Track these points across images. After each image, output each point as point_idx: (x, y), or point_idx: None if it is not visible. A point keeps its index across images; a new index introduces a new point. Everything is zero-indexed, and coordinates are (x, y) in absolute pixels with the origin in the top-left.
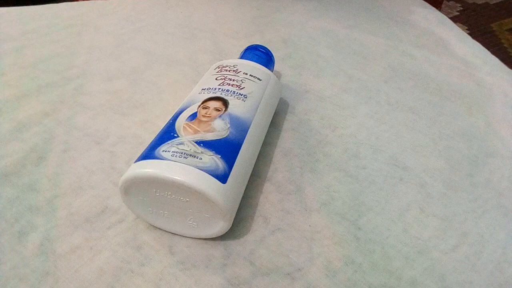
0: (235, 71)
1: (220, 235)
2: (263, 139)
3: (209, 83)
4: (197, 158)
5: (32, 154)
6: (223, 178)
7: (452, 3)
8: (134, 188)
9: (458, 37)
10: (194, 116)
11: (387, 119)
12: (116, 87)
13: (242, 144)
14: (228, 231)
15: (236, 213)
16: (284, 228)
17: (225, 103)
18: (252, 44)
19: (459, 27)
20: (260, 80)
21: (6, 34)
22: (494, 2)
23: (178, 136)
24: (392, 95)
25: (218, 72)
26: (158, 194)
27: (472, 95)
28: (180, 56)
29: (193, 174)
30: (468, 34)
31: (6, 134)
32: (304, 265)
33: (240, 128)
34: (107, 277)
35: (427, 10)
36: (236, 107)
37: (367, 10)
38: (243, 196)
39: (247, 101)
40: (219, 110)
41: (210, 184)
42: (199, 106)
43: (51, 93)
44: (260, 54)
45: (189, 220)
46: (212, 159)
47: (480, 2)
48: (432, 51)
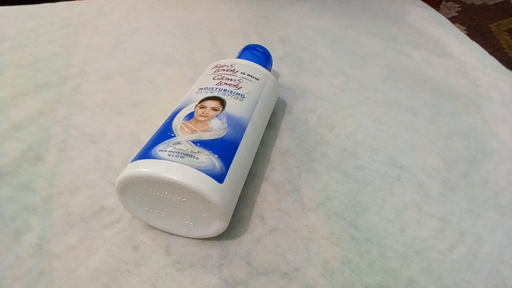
0: (233, 71)
1: (217, 235)
2: (260, 139)
3: (206, 83)
4: (194, 157)
5: (29, 153)
6: (220, 177)
7: (450, 4)
8: (131, 188)
9: (456, 37)
10: (191, 115)
11: (385, 119)
12: (113, 87)
13: (239, 144)
14: (225, 231)
15: (233, 213)
16: (281, 228)
17: (222, 102)
18: (250, 43)
19: (457, 27)
20: (258, 79)
21: (3, 33)
22: (492, 2)
23: (175, 136)
24: (390, 95)
25: (215, 71)
26: (154, 194)
27: (470, 95)
28: (178, 56)
29: (189, 173)
30: (466, 34)
31: (3, 133)
32: (301, 265)
33: (238, 128)
34: (103, 277)
35: (425, 10)
36: (234, 106)
37: (365, 9)
38: (240, 196)
39: (245, 100)
40: (216, 110)
41: (207, 184)
42: (196, 106)
43: (48, 92)
44: (257, 54)
45: (186, 220)
46: (209, 159)
47: (478, 3)
48: (430, 51)
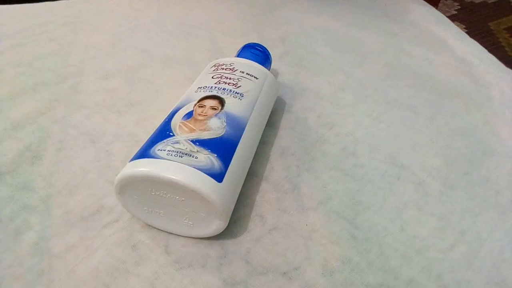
0: (232, 70)
1: (216, 234)
2: (259, 138)
3: (205, 82)
4: (192, 157)
5: (27, 153)
6: (219, 177)
7: (450, 2)
8: (130, 187)
9: (456, 35)
10: (190, 114)
11: (385, 117)
12: (112, 86)
13: (238, 143)
14: (224, 230)
15: (233, 212)
16: (280, 227)
17: (221, 101)
18: (249, 42)
19: (457, 26)
20: (257, 78)
21: (2, 32)
22: (492, 1)
23: (174, 135)
24: (390, 93)
25: (214, 70)
26: (153, 193)
27: (470, 93)
28: (177, 55)
29: (188, 173)
30: (466, 33)
31: (1, 132)
32: (301, 264)
33: (237, 127)
34: (103, 276)
35: (425, 9)
36: (233, 105)
37: (365, 8)
38: (239, 195)
39: (244, 99)
40: (215, 109)
41: (206, 183)
42: (195, 105)
43: (46, 91)
44: (257, 53)
45: (185, 219)
46: (208, 158)
47: (477, 1)
48: (430, 49)
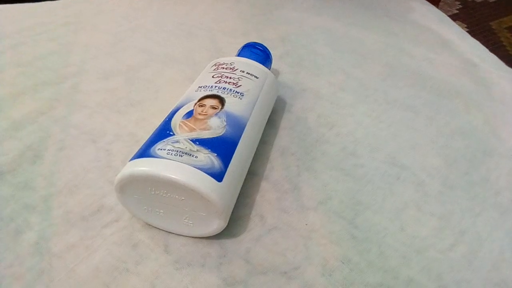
0: (232, 69)
1: (216, 233)
2: (259, 138)
3: (205, 81)
4: (192, 156)
5: (28, 152)
6: (219, 176)
7: (451, 1)
8: (130, 187)
9: (457, 35)
10: (190, 114)
11: (385, 117)
12: (112, 85)
13: (238, 142)
14: (224, 229)
15: (232, 211)
16: (280, 227)
17: (221, 101)
18: (250, 42)
19: (458, 25)
20: (257, 78)
21: (2, 31)
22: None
23: (174, 134)
24: (390, 93)
25: (215, 69)
26: (153, 193)
27: (471, 93)
28: (177, 54)
29: (188, 172)
30: (467, 32)
31: (2, 132)
32: (301, 264)
33: (237, 126)
34: (103, 275)
35: (426, 8)
36: (233, 105)
37: (365, 7)
38: (239, 195)
39: (244, 99)
40: (216, 108)
41: (206, 183)
42: (196, 104)
43: (47, 91)
44: (257, 52)
45: (184, 219)
46: (208, 157)
47: (479, 0)
48: (430, 49)
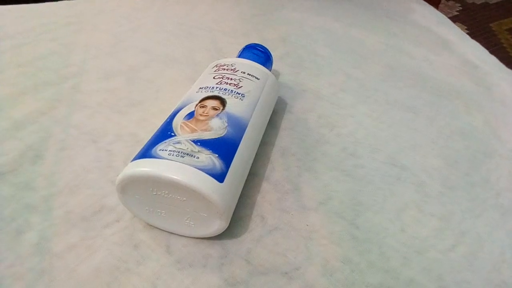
0: (233, 70)
1: (217, 234)
2: (260, 138)
3: (206, 82)
4: (194, 157)
5: (29, 152)
6: (220, 177)
7: (451, 3)
8: (131, 187)
9: (457, 36)
10: (191, 115)
11: (385, 118)
12: (113, 86)
13: (239, 143)
14: (225, 230)
15: (233, 212)
16: (281, 227)
17: (222, 102)
18: (250, 43)
19: (458, 26)
20: (258, 79)
21: (3, 32)
22: (494, 2)
23: (175, 135)
24: (390, 94)
25: (215, 71)
26: (155, 193)
27: (471, 94)
28: (178, 55)
29: (190, 173)
30: (467, 33)
31: (3, 132)
32: (302, 264)
33: (238, 127)
34: (104, 276)
35: (426, 9)
36: (234, 106)
37: (366, 8)
38: (240, 195)
39: (245, 100)
40: (217, 109)
41: (207, 183)
42: (197, 105)
43: (48, 91)
44: (258, 53)
45: (186, 219)
46: (209, 158)
47: (479, 2)
48: (431, 50)
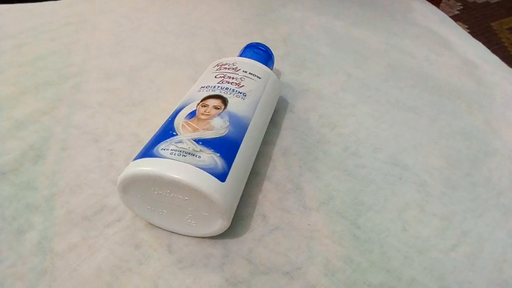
0: (235, 69)
1: (219, 233)
2: (262, 138)
3: (208, 81)
4: (196, 156)
5: (30, 152)
6: (222, 176)
7: (452, 2)
8: (133, 187)
9: (459, 35)
10: (193, 114)
11: (387, 118)
12: (114, 85)
13: (241, 142)
14: (227, 229)
15: (235, 211)
16: (283, 227)
17: (224, 101)
18: (252, 42)
19: (459, 26)
20: (260, 78)
21: (4, 31)
22: (495, 1)
23: (177, 134)
24: (392, 94)
25: (217, 70)
26: (156, 193)
27: (472, 94)
28: (179, 55)
29: (191, 172)
30: (468, 33)
31: (4, 132)
32: (303, 264)
33: (239, 127)
34: (105, 275)
35: (427, 8)
36: (235, 105)
37: (367, 7)
38: (242, 195)
39: (247, 99)
40: (218, 108)
41: (209, 183)
42: (198, 104)
43: (49, 91)
44: (259, 52)
45: (187, 219)
46: (211, 158)
47: (480, 1)
48: (432, 49)
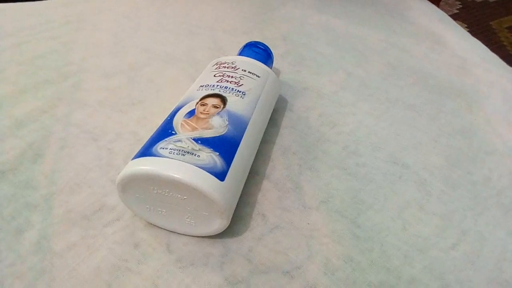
0: (234, 68)
1: (218, 233)
2: (261, 137)
3: (207, 80)
4: (195, 155)
5: (29, 151)
6: (221, 175)
7: (451, 1)
8: (132, 186)
9: (458, 34)
10: (192, 113)
11: (386, 116)
12: (113, 84)
13: (240, 141)
14: (226, 229)
15: (234, 210)
16: (282, 226)
17: (223, 100)
18: (251, 41)
19: (458, 24)
20: (259, 77)
21: (3, 30)
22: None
23: (176, 133)
24: (391, 92)
25: (216, 69)
26: (155, 192)
27: (472, 92)
28: (178, 53)
29: (191, 171)
30: (468, 31)
31: (4, 130)
32: (303, 263)
33: (239, 125)
34: (104, 275)
35: (427, 7)
36: (235, 104)
37: (366, 6)
38: (241, 194)
39: (246, 98)
40: (217, 107)
41: (208, 182)
42: (197, 103)
43: (48, 89)
44: (259, 51)
45: (187, 218)
46: (210, 157)
47: (479, 0)
48: (431, 48)
